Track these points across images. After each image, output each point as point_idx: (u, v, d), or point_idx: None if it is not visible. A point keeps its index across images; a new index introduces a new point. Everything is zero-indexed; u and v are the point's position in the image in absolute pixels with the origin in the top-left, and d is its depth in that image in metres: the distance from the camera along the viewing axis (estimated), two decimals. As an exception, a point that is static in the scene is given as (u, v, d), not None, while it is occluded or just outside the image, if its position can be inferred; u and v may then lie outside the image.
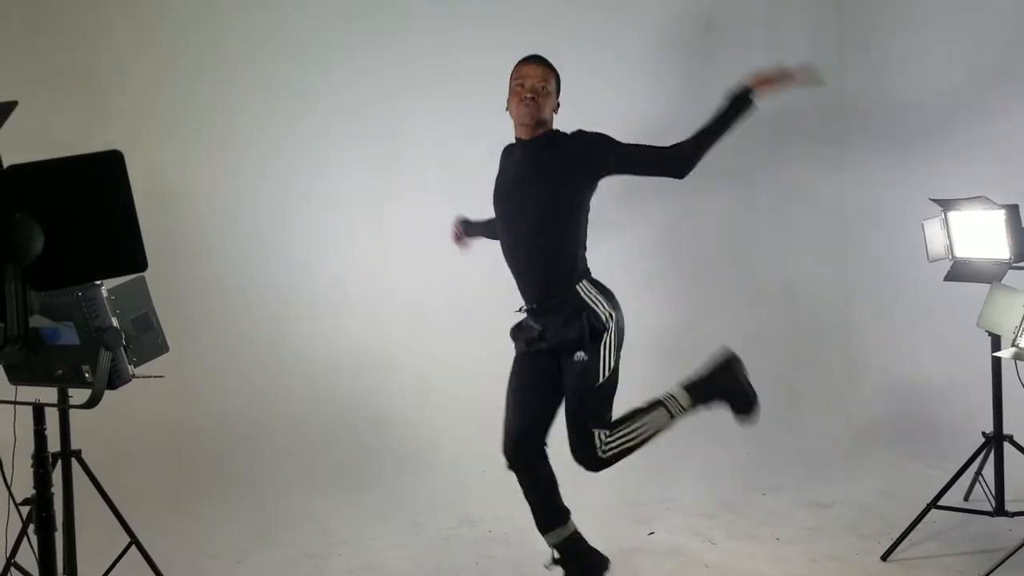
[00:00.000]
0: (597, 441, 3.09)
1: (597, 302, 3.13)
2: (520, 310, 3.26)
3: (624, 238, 4.59)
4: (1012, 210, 3.40)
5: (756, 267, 4.90)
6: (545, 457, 3.22)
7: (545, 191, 3.13)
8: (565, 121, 3.27)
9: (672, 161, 3.15)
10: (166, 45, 4.31)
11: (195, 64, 4.33)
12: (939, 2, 4.75)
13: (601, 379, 3.09)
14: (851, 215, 4.97)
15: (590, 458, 3.11)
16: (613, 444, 3.10)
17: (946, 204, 3.65)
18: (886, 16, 4.87)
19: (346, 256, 4.50)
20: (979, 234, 3.56)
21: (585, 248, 3.24)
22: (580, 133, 3.17)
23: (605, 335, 3.10)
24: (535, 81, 3.12)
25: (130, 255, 1.42)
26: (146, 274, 2.97)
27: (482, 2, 4.59)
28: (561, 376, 3.15)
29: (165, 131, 4.31)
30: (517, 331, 3.29)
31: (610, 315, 3.13)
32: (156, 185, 4.29)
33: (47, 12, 4.19)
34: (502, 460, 3.26)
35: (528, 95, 3.10)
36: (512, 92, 3.17)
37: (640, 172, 3.25)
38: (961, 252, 3.65)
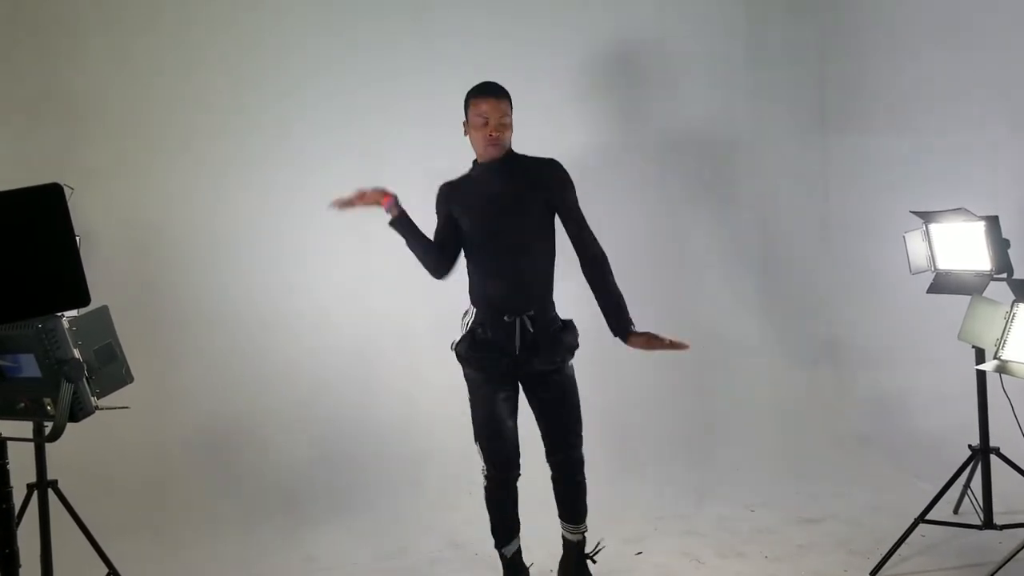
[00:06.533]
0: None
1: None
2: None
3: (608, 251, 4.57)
4: (992, 221, 3.39)
5: (739, 281, 4.88)
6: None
7: (528, 210, 3.17)
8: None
9: (594, 250, 3.20)
10: (144, 69, 4.31)
11: (173, 87, 4.34)
12: (922, 13, 4.76)
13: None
14: (834, 227, 4.95)
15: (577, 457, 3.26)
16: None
17: (927, 216, 3.64)
18: (868, 29, 4.87)
19: (328, 277, 4.49)
20: (960, 246, 3.54)
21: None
22: (554, 164, 3.21)
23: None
24: (497, 117, 3.12)
25: (71, 289, 1.39)
26: (126, 299, 2.97)
27: (464, 19, 4.59)
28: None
29: (144, 156, 4.31)
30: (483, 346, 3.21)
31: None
32: (136, 210, 4.29)
33: (23, 37, 4.19)
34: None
35: (493, 133, 3.12)
36: (474, 127, 3.16)
37: (570, 232, 3.23)
38: (943, 264, 3.64)
